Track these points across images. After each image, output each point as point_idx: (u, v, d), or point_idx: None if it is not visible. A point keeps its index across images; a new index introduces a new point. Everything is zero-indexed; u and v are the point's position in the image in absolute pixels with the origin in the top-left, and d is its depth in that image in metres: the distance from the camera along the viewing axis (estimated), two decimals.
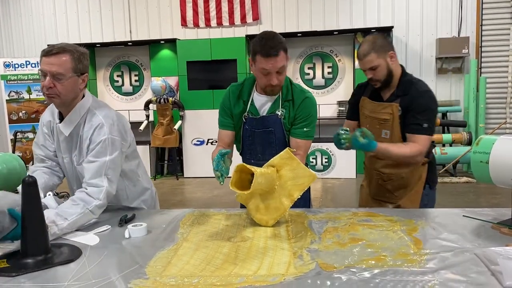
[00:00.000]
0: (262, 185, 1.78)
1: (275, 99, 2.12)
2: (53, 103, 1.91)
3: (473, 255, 1.41)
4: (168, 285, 1.26)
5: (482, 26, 7.36)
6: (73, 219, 1.73)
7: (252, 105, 2.15)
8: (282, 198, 1.83)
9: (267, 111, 2.13)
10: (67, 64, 1.83)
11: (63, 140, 2.00)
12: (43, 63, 1.83)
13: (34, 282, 1.31)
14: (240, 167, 1.76)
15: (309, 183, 1.84)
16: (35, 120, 8.15)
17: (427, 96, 2.17)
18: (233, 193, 1.81)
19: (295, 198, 1.82)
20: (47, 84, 1.81)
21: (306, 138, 2.11)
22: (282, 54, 1.95)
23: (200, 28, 8.18)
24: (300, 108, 2.09)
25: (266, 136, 2.07)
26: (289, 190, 1.83)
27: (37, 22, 8.67)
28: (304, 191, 1.84)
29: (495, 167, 1.67)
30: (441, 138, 7.02)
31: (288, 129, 2.13)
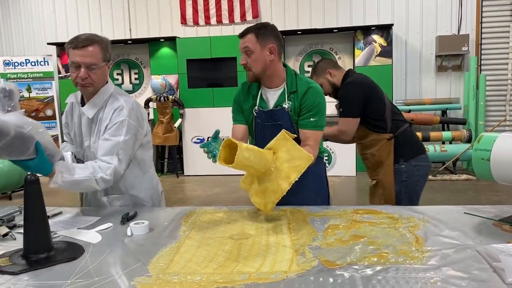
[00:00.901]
0: (252, 161, 1.74)
1: (281, 92, 2.12)
2: (86, 91, 2.02)
3: (475, 252, 1.42)
4: (171, 283, 1.27)
5: (482, 24, 7.36)
6: (78, 178, 1.81)
7: (261, 99, 2.16)
8: (279, 181, 1.81)
9: (274, 104, 2.14)
10: (98, 54, 1.95)
11: (85, 123, 2.07)
12: (74, 55, 1.92)
13: (36, 280, 1.32)
14: (228, 142, 1.73)
15: (306, 164, 1.82)
16: (35, 118, 8.11)
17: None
18: (234, 191, 1.82)
19: (292, 181, 1.80)
20: (83, 75, 1.93)
21: (314, 129, 2.08)
22: (249, 36, 2.04)
23: (200, 26, 8.18)
24: (304, 98, 2.07)
25: (276, 130, 2.04)
26: (286, 172, 1.81)
27: (36, 20, 8.66)
28: (301, 173, 1.81)
29: (496, 164, 1.68)
30: (441, 136, 7.03)
31: (296, 121, 2.11)
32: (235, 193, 6.25)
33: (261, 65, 2.05)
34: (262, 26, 2.06)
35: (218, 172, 7.39)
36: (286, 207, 2.02)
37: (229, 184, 6.90)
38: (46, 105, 8.20)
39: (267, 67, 2.06)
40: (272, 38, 2.05)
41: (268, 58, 2.04)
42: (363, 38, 7.36)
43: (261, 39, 2.03)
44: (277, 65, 2.10)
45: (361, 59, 7.36)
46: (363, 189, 6.39)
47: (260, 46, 2.03)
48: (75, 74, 1.94)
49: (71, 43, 1.93)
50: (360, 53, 7.36)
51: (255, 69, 2.06)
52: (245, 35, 2.05)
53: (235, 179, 7.21)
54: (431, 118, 7.27)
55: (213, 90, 7.54)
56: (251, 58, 2.04)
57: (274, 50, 2.04)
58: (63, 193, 6.75)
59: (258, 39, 2.02)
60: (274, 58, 2.06)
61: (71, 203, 5.86)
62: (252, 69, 2.06)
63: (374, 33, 7.32)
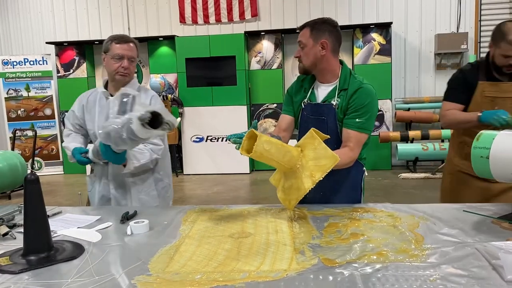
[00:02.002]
0: (272, 154, 1.76)
1: (333, 88, 2.12)
2: (124, 81, 2.34)
3: (474, 250, 1.42)
4: (171, 281, 1.27)
5: (480, 22, 7.36)
6: (143, 162, 2.23)
7: (312, 93, 2.18)
8: (304, 178, 1.81)
9: (323, 99, 2.14)
10: (135, 50, 2.34)
11: (115, 97, 2.19)
12: (117, 49, 2.27)
13: (37, 279, 1.32)
14: (251, 134, 1.76)
15: (331, 164, 1.78)
16: (34, 117, 8.14)
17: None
18: (234, 190, 1.83)
19: (317, 180, 1.79)
20: (126, 65, 2.29)
21: (358, 130, 2.02)
22: (304, 31, 2.09)
23: (199, 24, 8.17)
24: (354, 97, 2.04)
25: (319, 124, 2.03)
26: (311, 171, 1.81)
27: (35, 19, 8.64)
28: (326, 172, 1.78)
29: (495, 162, 1.68)
30: (440, 134, 7.03)
31: (340, 119, 2.08)
32: (234, 192, 6.25)
33: (311, 59, 2.08)
34: (320, 21, 2.09)
35: (218, 171, 7.40)
36: None
37: (228, 183, 6.90)
38: (45, 104, 8.19)
39: (318, 61, 2.08)
40: (326, 34, 2.06)
41: (319, 53, 2.06)
42: (362, 37, 7.36)
43: (315, 34, 2.06)
44: (331, 61, 2.10)
45: (360, 57, 7.36)
46: None
47: (313, 41, 2.06)
48: (117, 65, 2.27)
49: (115, 39, 2.29)
50: (359, 51, 7.36)
51: (306, 62, 2.10)
52: (302, 29, 2.11)
53: (235, 178, 7.23)
54: (430, 116, 7.28)
55: (212, 89, 7.53)
56: (303, 51, 2.10)
57: (326, 45, 2.05)
58: (62, 193, 6.75)
59: (311, 34, 2.06)
60: (325, 54, 2.06)
61: (71, 202, 5.86)
62: (303, 61, 2.11)
63: (373, 31, 7.32)
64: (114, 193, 2.38)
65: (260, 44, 7.74)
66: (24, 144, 8.09)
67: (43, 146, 8.20)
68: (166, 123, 1.78)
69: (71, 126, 2.47)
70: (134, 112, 1.79)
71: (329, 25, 2.08)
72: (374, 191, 6.15)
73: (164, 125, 1.78)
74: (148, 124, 1.74)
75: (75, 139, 2.43)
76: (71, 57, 8.06)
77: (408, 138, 7.08)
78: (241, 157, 7.75)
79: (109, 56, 2.29)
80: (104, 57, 2.32)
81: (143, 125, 1.73)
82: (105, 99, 2.37)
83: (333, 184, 2.05)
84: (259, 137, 1.71)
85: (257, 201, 5.54)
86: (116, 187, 2.38)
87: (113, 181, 2.38)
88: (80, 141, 2.44)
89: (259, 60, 7.74)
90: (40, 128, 8.10)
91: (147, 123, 1.73)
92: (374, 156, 7.48)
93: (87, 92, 2.49)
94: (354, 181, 2.15)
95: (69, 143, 2.38)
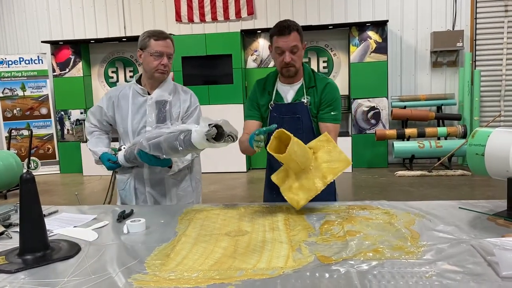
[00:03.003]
0: (298, 156, 1.79)
1: (299, 87, 2.20)
2: (162, 78, 2.29)
3: (469, 246, 1.43)
4: (167, 280, 1.27)
5: (476, 20, 7.38)
6: (186, 163, 2.29)
7: (278, 94, 2.24)
8: (316, 179, 1.84)
9: (291, 99, 2.21)
10: (172, 46, 2.27)
11: (152, 107, 2.28)
12: (157, 46, 2.21)
13: (33, 279, 1.31)
14: (280, 133, 1.80)
15: (344, 168, 1.87)
16: (30, 117, 8.11)
17: None
18: (230, 188, 1.83)
19: (328, 181, 1.85)
20: (166, 62, 2.23)
21: (335, 122, 2.18)
22: (294, 34, 2.08)
23: (195, 23, 8.15)
24: (324, 92, 2.17)
25: (294, 123, 2.13)
26: (324, 173, 1.86)
27: (30, 18, 8.60)
28: (338, 175, 1.87)
29: (490, 159, 1.69)
30: (436, 131, 7.05)
31: (314, 115, 2.19)
32: (231, 191, 6.25)
33: (301, 61, 2.17)
34: (296, 24, 2.13)
35: (214, 169, 7.40)
36: (282, 204, 2.03)
37: (225, 181, 6.90)
38: (41, 104, 8.16)
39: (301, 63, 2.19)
40: (303, 36, 2.16)
41: (302, 55, 2.17)
42: (358, 35, 7.36)
43: (301, 37, 2.13)
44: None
45: (356, 55, 7.37)
46: (359, 185, 6.42)
47: (301, 44, 2.13)
48: (157, 62, 2.21)
49: (154, 35, 2.22)
50: (355, 50, 7.37)
51: (298, 65, 2.15)
52: (290, 33, 2.08)
53: (231, 176, 7.23)
54: (426, 114, 7.30)
55: (208, 88, 7.52)
56: (296, 55, 2.11)
57: (304, 47, 2.17)
58: (59, 192, 6.73)
59: (300, 37, 2.12)
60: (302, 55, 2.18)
61: (67, 201, 5.85)
62: (296, 65, 2.14)
63: (369, 30, 7.33)
64: (151, 191, 2.36)
65: (257, 42, 7.73)
66: (20, 144, 8.06)
67: (39, 145, 8.18)
68: (229, 135, 1.77)
69: (96, 122, 2.42)
70: (191, 125, 1.81)
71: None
72: (371, 188, 6.17)
73: (227, 137, 1.77)
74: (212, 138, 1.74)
75: (101, 141, 2.40)
76: (66, 56, 8.03)
77: (404, 136, 7.10)
78: (237, 156, 7.74)
79: (148, 53, 2.23)
80: (141, 53, 2.26)
81: (208, 140, 1.73)
82: (141, 96, 2.32)
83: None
84: (292, 139, 1.75)
85: (253, 200, 5.54)
86: (153, 185, 2.35)
87: (149, 180, 2.35)
88: (106, 144, 2.42)
89: (255, 59, 7.74)
90: (36, 128, 8.07)
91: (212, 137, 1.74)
92: (370, 154, 7.50)
93: (116, 89, 2.41)
94: None
95: (96, 147, 2.36)
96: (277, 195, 2.25)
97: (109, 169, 2.31)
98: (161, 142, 1.88)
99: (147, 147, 1.95)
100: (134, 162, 2.17)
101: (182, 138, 1.81)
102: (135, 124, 2.30)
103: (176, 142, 1.82)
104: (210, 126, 1.74)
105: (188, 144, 1.79)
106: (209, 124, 1.74)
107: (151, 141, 1.93)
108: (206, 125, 1.73)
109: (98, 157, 2.34)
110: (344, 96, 7.62)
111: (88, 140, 2.44)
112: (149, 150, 1.95)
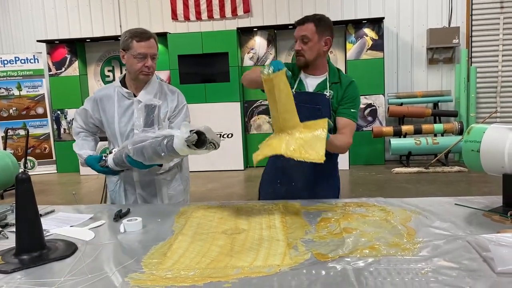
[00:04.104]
0: (280, 91, 1.82)
1: (322, 80, 2.22)
2: (147, 79, 2.22)
3: (465, 243, 1.44)
4: (164, 278, 1.27)
5: (472, 16, 7.39)
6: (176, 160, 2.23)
7: (301, 82, 2.25)
8: (285, 144, 1.81)
9: (314, 89, 2.22)
10: (156, 45, 2.19)
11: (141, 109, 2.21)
12: (140, 47, 2.11)
13: (29, 278, 1.31)
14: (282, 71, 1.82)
15: (312, 159, 1.74)
16: (26, 116, 8.08)
17: None
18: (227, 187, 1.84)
19: (290, 155, 1.77)
20: (150, 64, 2.15)
21: (353, 119, 2.18)
22: (309, 25, 2.13)
23: (191, 21, 8.13)
24: (348, 89, 2.19)
25: (313, 113, 2.10)
26: (295, 147, 1.79)
27: (25, 17, 8.56)
28: (301, 160, 1.76)
29: (486, 156, 1.69)
30: (432, 128, 7.07)
31: (335, 109, 2.20)
32: (228, 189, 6.25)
33: (315, 54, 2.16)
34: (322, 18, 2.17)
35: (212, 168, 7.39)
36: (279, 201, 2.03)
37: (222, 180, 6.90)
38: (37, 103, 8.13)
39: (319, 56, 2.18)
40: (329, 31, 2.18)
41: (322, 48, 2.17)
42: (354, 32, 7.36)
43: (320, 30, 2.14)
44: (326, 56, 2.24)
45: (353, 52, 7.37)
46: (356, 182, 6.43)
47: (318, 36, 2.14)
48: (141, 64, 2.13)
49: (136, 36, 2.11)
50: (352, 47, 7.37)
51: (309, 56, 2.16)
52: (305, 23, 2.14)
53: (229, 174, 7.23)
54: (422, 110, 7.31)
55: (205, 86, 7.51)
56: (306, 46, 2.15)
57: (329, 42, 2.18)
58: (56, 192, 6.72)
59: (317, 29, 2.13)
60: (326, 50, 2.20)
61: (64, 201, 5.84)
62: (306, 55, 2.16)
63: (365, 27, 7.33)
64: (141, 193, 2.33)
65: (253, 40, 7.72)
66: (17, 144, 8.03)
67: (36, 145, 8.15)
68: (211, 142, 1.75)
69: (83, 124, 2.37)
70: (175, 130, 1.77)
71: (330, 23, 2.20)
72: (368, 185, 6.18)
73: (209, 145, 1.75)
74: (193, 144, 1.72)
75: (86, 144, 2.34)
76: (62, 55, 7.99)
77: (401, 133, 7.11)
78: (235, 154, 7.76)
79: (130, 55, 2.15)
80: (124, 54, 2.18)
81: (188, 146, 1.72)
82: (126, 99, 2.26)
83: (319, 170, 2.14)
84: (283, 70, 1.81)
85: (251, 198, 5.53)
86: (143, 187, 2.32)
87: (139, 182, 2.32)
88: (92, 146, 2.36)
89: (252, 57, 7.73)
90: (33, 127, 8.04)
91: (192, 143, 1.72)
92: (367, 151, 7.51)
93: (100, 90, 2.36)
94: (334, 165, 2.39)
95: (81, 150, 2.30)
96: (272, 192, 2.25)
97: (100, 173, 2.23)
98: (145, 147, 1.84)
99: (131, 152, 1.91)
100: (123, 166, 2.11)
101: (165, 143, 1.78)
102: (122, 127, 2.25)
103: (159, 147, 1.79)
104: (191, 132, 1.71)
105: (171, 150, 1.76)
106: (190, 130, 1.72)
107: (135, 145, 1.89)
108: (187, 131, 1.71)
109: (83, 160, 2.27)
110: None
111: (75, 141, 2.38)
112: (132, 155, 1.91)
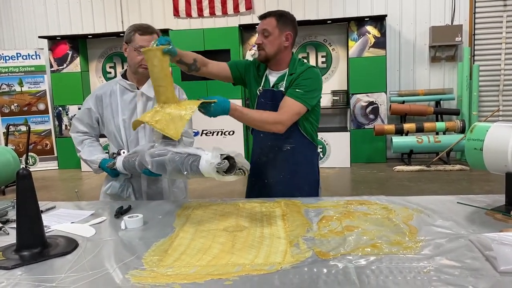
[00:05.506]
0: (153, 66, 1.85)
1: (282, 74, 2.22)
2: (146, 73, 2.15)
3: (467, 241, 1.43)
4: (165, 275, 1.27)
5: (475, 14, 7.36)
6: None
7: (267, 79, 2.26)
8: (182, 112, 1.77)
9: (272, 84, 2.24)
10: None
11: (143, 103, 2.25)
12: (141, 41, 2.16)
13: (30, 275, 1.31)
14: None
15: (191, 107, 1.77)
16: (27, 112, 8.09)
17: None
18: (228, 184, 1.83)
19: (147, 120, 1.79)
20: None
21: (294, 98, 2.08)
22: (270, 19, 2.15)
23: (193, 18, 8.12)
24: (300, 75, 2.15)
25: (276, 110, 2.10)
26: (159, 118, 1.78)
27: (27, 13, 8.55)
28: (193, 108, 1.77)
29: (489, 154, 1.69)
30: (434, 126, 7.05)
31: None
32: (229, 186, 6.24)
33: (275, 48, 2.16)
34: (283, 14, 2.19)
35: None
36: (280, 199, 2.02)
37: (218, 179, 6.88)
38: (39, 99, 8.13)
39: (280, 51, 2.18)
40: (290, 27, 2.18)
41: (283, 43, 2.17)
42: (356, 29, 7.34)
43: (281, 24, 2.15)
44: (288, 52, 2.23)
45: (355, 50, 7.34)
46: (357, 180, 6.42)
47: (279, 31, 2.15)
48: (141, 57, 2.15)
49: (139, 30, 2.18)
50: (354, 44, 7.34)
51: (269, 50, 2.16)
52: (266, 17, 2.17)
53: None
54: (425, 109, 7.29)
55: (206, 83, 7.50)
56: (267, 39, 2.16)
57: (290, 37, 2.18)
58: (57, 188, 6.73)
59: (278, 24, 2.15)
60: (288, 45, 2.19)
61: (66, 197, 5.84)
62: (266, 49, 2.16)
63: (367, 24, 7.30)
64: (147, 190, 2.32)
65: (255, 37, 7.69)
66: (18, 140, 8.04)
67: (37, 141, 8.15)
68: (240, 168, 1.65)
69: (85, 128, 2.33)
70: (200, 150, 1.68)
71: (291, 19, 2.20)
72: (369, 184, 6.17)
73: (238, 171, 1.65)
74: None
75: (95, 149, 2.31)
76: (64, 51, 7.99)
77: (402, 131, 7.10)
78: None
79: (132, 48, 2.19)
80: (126, 47, 2.23)
81: (218, 172, 1.60)
82: (130, 92, 2.27)
83: (292, 165, 2.22)
84: (160, 47, 1.83)
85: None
86: (149, 184, 2.32)
87: (146, 180, 2.31)
88: (100, 150, 2.33)
89: (253, 53, 7.71)
90: (34, 123, 8.05)
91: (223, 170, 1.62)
92: (369, 149, 7.49)
93: (101, 87, 2.35)
94: (310, 161, 2.30)
95: (92, 156, 2.26)
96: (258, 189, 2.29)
97: (110, 175, 2.23)
98: (165, 162, 1.76)
99: (149, 164, 1.83)
100: (131, 171, 2.07)
101: (189, 162, 1.68)
102: (126, 119, 2.26)
103: (182, 165, 1.69)
104: (222, 157, 1.61)
105: (195, 171, 1.66)
106: (221, 154, 1.61)
107: (155, 158, 1.81)
108: (218, 156, 1.60)
109: (97, 166, 2.25)
110: (343, 91, 7.61)
111: (80, 150, 2.33)
112: (151, 167, 1.83)
